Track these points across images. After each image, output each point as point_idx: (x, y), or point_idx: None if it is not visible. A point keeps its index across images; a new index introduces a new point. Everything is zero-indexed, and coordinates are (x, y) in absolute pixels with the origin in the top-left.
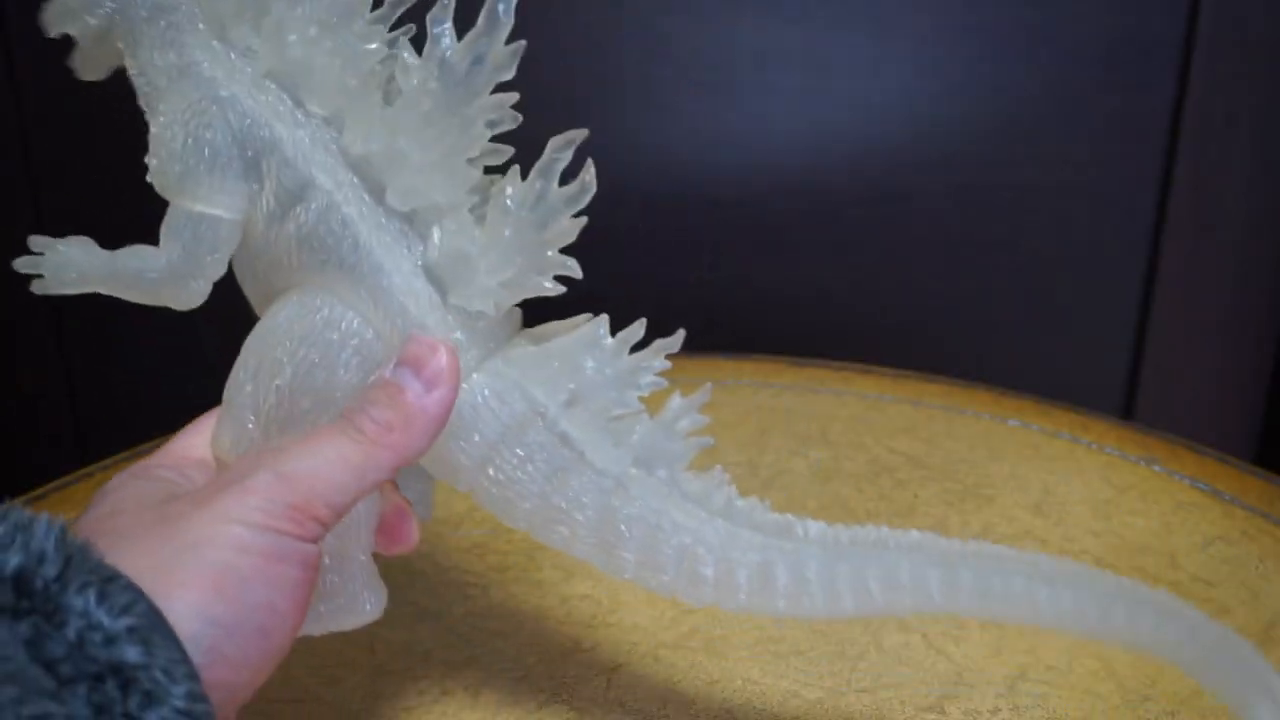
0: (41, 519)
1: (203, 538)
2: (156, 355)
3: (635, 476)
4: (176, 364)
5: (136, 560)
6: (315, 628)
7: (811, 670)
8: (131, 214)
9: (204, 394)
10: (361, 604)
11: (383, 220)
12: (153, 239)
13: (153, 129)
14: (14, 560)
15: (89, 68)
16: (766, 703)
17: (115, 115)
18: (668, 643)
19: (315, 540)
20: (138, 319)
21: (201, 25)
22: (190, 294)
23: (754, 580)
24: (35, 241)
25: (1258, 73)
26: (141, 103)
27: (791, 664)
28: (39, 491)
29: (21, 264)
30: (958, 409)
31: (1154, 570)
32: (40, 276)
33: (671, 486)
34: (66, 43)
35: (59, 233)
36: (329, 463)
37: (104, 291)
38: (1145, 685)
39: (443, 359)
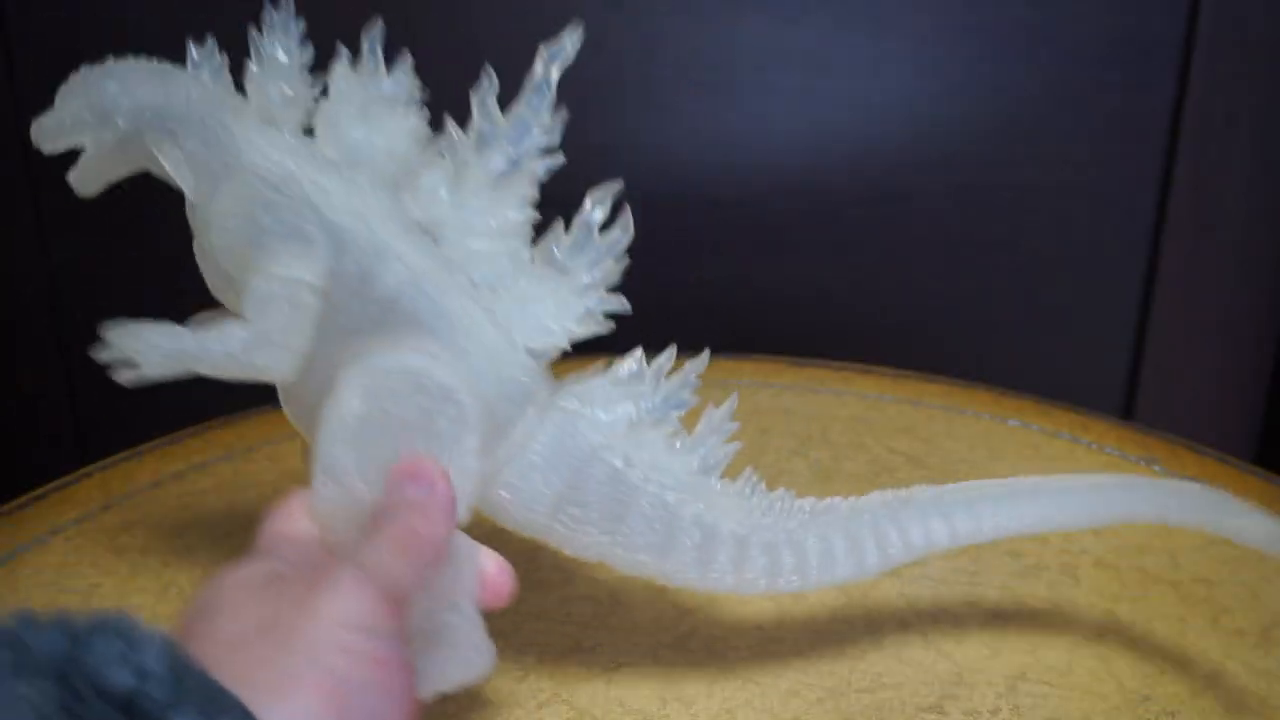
0: (149, 633)
1: (314, 648)
2: None
3: (690, 492)
4: None
5: (244, 672)
6: (428, 688)
7: (811, 670)
8: (131, 214)
9: (204, 394)
10: (472, 662)
11: (453, 279)
12: (152, 239)
13: (218, 213)
14: (124, 681)
15: (96, 180)
16: (766, 703)
17: None
18: (668, 643)
19: (408, 605)
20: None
21: (249, 116)
22: (281, 363)
23: (806, 561)
24: (116, 331)
25: (1258, 73)
26: (192, 197)
27: (791, 664)
28: (39, 491)
29: (109, 356)
30: (958, 409)
31: (1154, 570)
32: (127, 365)
33: (727, 492)
34: (67, 43)
35: (59, 233)
36: (389, 556)
37: (197, 371)
38: (1145, 685)
39: (429, 470)
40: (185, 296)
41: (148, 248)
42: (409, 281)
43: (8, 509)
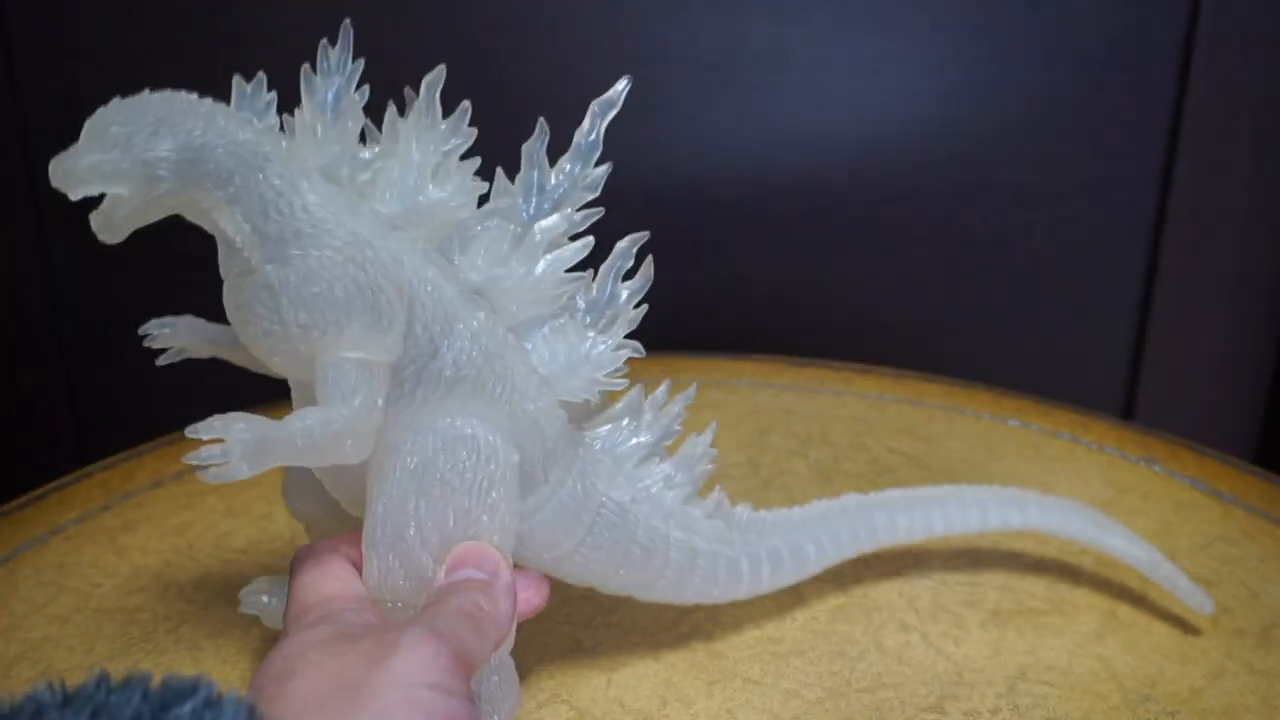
0: (230, 698)
1: (384, 703)
2: (157, 355)
3: (678, 520)
4: (176, 364)
5: None
6: None
7: (811, 670)
8: None
9: (203, 394)
10: (507, 702)
11: (510, 340)
12: (153, 239)
13: (287, 281)
14: None
15: (125, 229)
16: (766, 703)
17: None
18: (668, 643)
19: (472, 677)
20: (138, 319)
21: (312, 174)
22: (367, 444)
23: (767, 569)
24: (201, 430)
25: (1258, 73)
26: (251, 256)
27: (791, 664)
28: (39, 491)
29: (198, 458)
30: (958, 409)
31: None
32: (217, 465)
33: (702, 514)
34: (66, 44)
35: (58, 233)
36: (459, 625)
37: (279, 461)
38: (1145, 685)
39: (497, 563)
40: (186, 297)
41: (148, 248)
42: (474, 349)
43: (8, 509)
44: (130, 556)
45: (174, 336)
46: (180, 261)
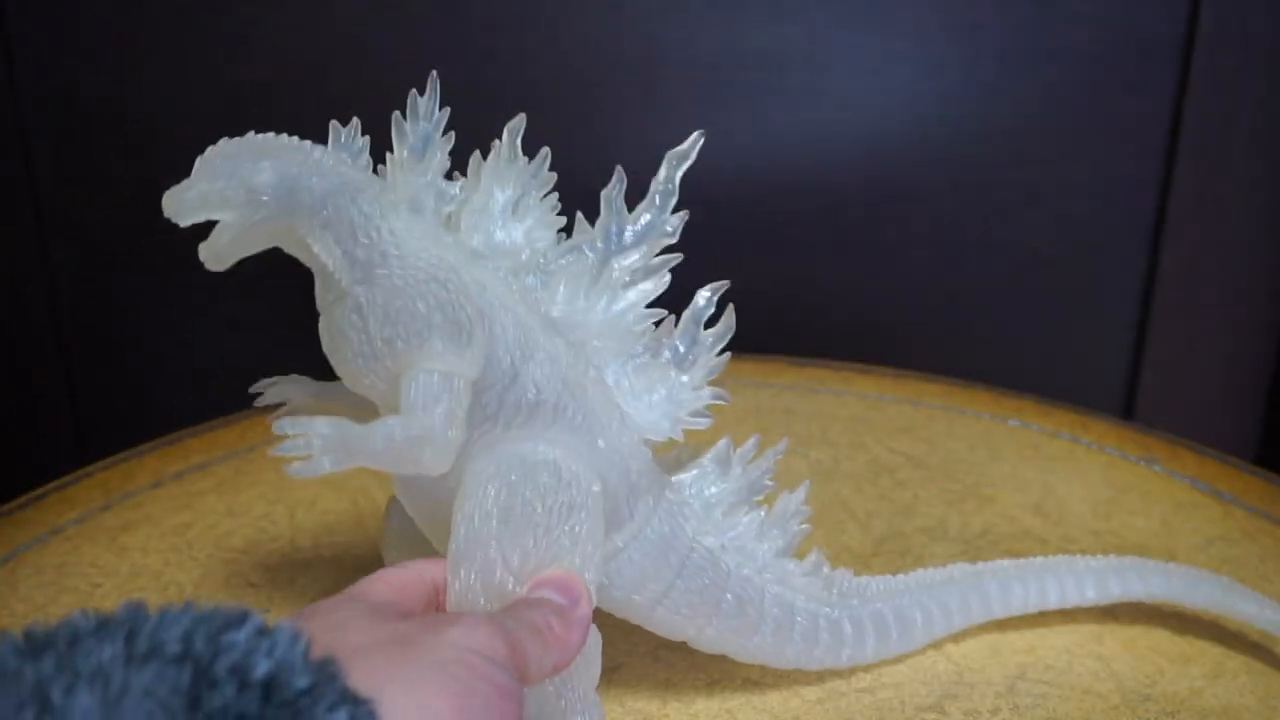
0: (284, 628)
1: (443, 659)
2: (156, 355)
3: (772, 573)
4: (176, 364)
5: (376, 675)
6: None
7: (811, 670)
8: (132, 214)
9: (203, 395)
10: None
11: (591, 373)
12: (151, 239)
13: (374, 302)
14: (262, 666)
15: (231, 256)
16: (766, 703)
17: (115, 116)
18: (668, 643)
19: (524, 684)
20: (137, 319)
21: (400, 206)
22: (443, 456)
23: (872, 635)
24: (284, 423)
25: (1258, 73)
26: (345, 284)
27: None
28: (39, 491)
29: (282, 450)
30: (958, 409)
31: None
32: (300, 456)
33: (799, 572)
34: (66, 44)
35: (59, 233)
36: (525, 633)
37: (359, 463)
38: (1145, 685)
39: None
40: (186, 297)
41: (148, 248)
42: (555, 378)
43: (8, 509)
44: (130, 556)
45: (282, 393)
46: (180, 262)
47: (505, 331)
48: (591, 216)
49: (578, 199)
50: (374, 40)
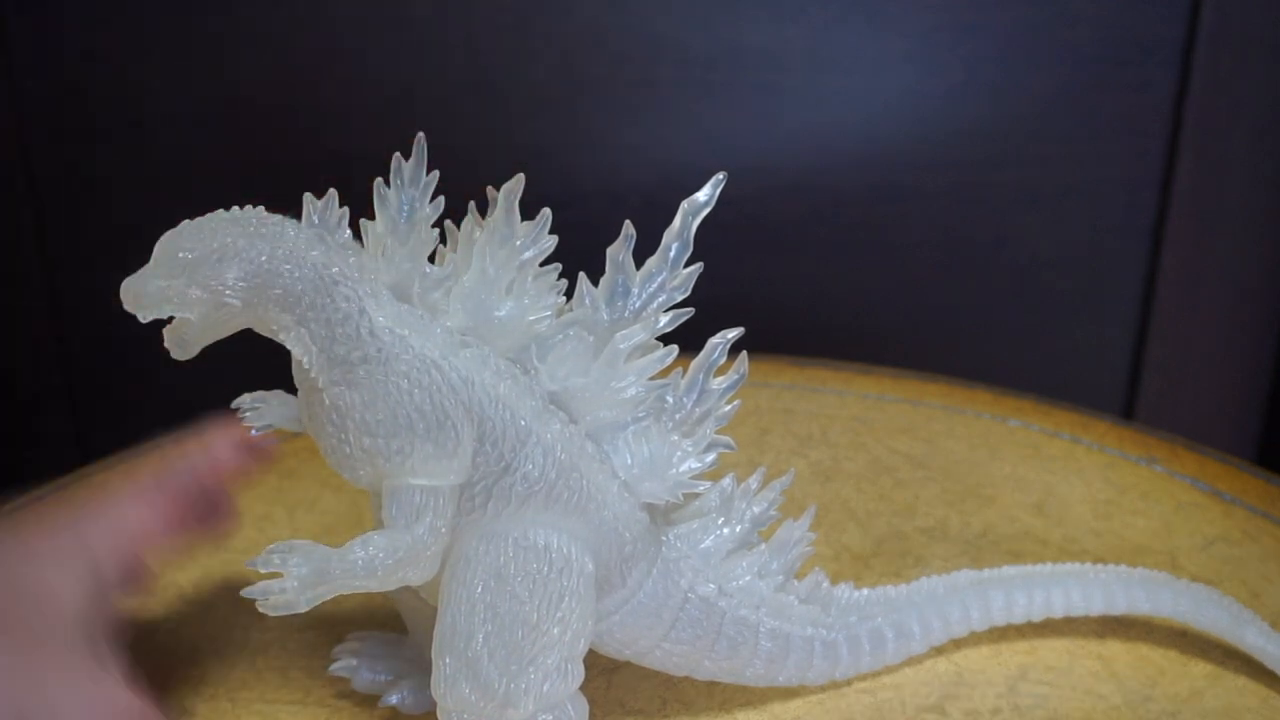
0: None
1: None
2: (156, 355)
3: (770, 608)
4: (176, 364)
5: None
6: None
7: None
8: (132, 214)
9: (203, 394)
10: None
11: (588, 449)
12: (151, 240)
13: (353, 404)
14: None
15: (197, 345)
16: (766, 703)
17: (115, 116)
18: None
19: None
20: (137, 319)
21: (382, 294)
22: (426, 571)
23: (868, 649)
24: (259, 564)
25: (1258, 73)
26: (321, 383)
27: None
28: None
29: (258, 592)
30: (958, 409)
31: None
32: (276, 596)
33: (798, 599)
34: (66, 44)
35: (58, 234)
36: None
37: (340, 591)
38: (1146, 685)
39: None
40: None
41: (148, 248)
42: (547, 465)
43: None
44: None
45: (265, 414)
46: None
47: (495, 426)
48: (593, 238)
49: (578, 199)
50: (374, 40)
